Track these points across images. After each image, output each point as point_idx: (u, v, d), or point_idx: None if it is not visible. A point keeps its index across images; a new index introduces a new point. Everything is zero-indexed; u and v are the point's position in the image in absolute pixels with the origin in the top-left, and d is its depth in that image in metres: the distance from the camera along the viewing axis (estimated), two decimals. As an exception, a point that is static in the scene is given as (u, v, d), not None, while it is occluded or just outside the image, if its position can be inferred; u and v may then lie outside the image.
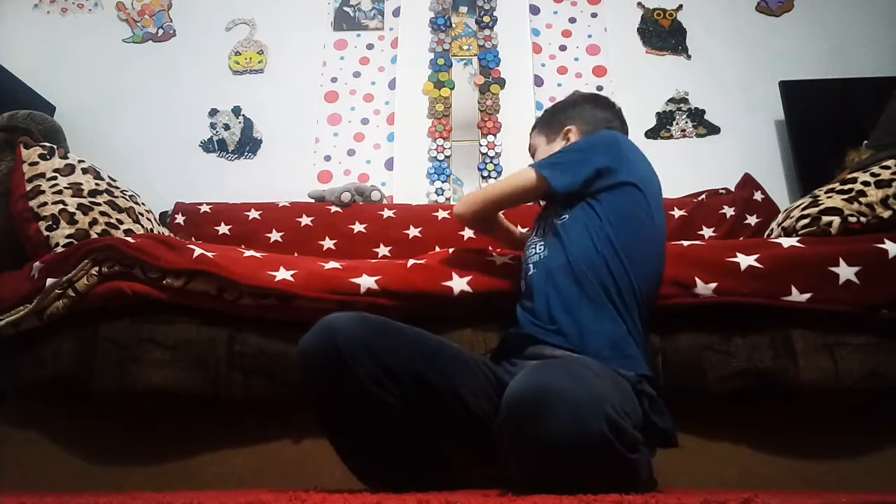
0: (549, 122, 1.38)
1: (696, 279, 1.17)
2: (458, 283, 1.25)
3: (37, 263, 1.32)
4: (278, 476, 1.23)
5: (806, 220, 1.34)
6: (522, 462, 0.80)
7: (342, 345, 0.88)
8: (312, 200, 2.35)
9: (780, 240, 1.27)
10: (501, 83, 2.69)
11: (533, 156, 1.39)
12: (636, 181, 1.14)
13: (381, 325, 0.94)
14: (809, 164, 2.35)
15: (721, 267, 1.19)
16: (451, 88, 2.69)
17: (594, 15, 2.84)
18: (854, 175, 1.40)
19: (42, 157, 1.52)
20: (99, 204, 1.50)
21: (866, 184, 1.34)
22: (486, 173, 2.54)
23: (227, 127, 2.74)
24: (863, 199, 1.31)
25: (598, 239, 1.09)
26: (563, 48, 2.80)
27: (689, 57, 2.75)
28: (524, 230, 1.41)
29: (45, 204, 1.44)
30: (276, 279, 1.23)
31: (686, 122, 2.64)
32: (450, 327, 1.27)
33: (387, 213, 2.20)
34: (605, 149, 1.16)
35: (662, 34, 2.79)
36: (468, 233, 2.08)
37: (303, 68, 2.81)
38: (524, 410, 0.76)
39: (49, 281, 1.26)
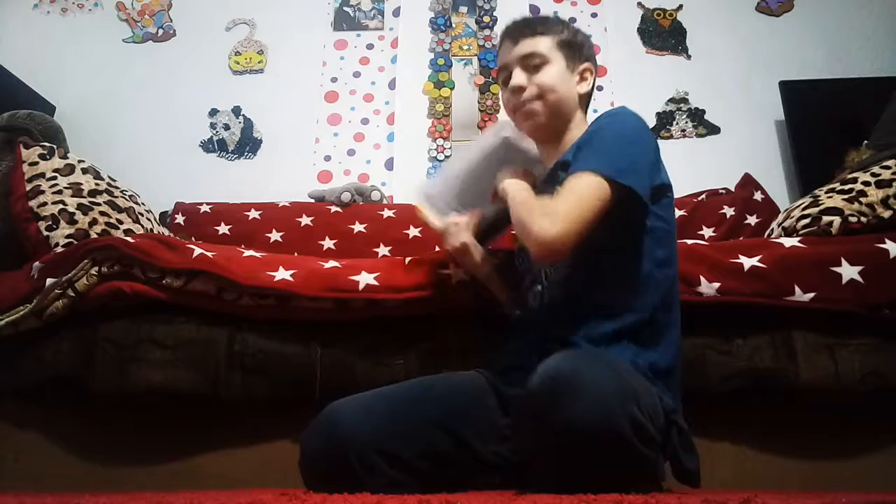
0: (572, 45, 1.14)
1: (702, 278, 1.17)
2: (457, 273, 1.25)
3: (37, 263, 1.32)
4: (278, 476, 1.23)
5: (806, 220, 1.34)
6: (538, 441, 0.80)
7: (354, 456, 0.87)
8: (312, 200, 2.35)
9: (781, 240, 1.27)
10: (501, 83, 2.70)
11: (532, 67, 1.11)
12: (669, 181, 1.05)
13: (387, 414, 0.93)
14: (809, 164, 2.35)
15: (724, 267, 1.19)
16: (451, 88, 2.69)
17: (594, 15, 2.84)
18: (854, 175, 1.40)
19: (42, 157, 1.52)
20: (99, 204, 1.50)
21: (867, 184, 1.34)
22: (486, 173, 2.54)
23: (227, 127, 2.74)
24: (863, 199, 1.31)
25: (646, 256, 0.99)
26: (563, 48, 2.79)
27: (689, 57, 2.75)
28: None
29: (44, 204, 1.44)
30: (276, 279, 1.23)
31: (686, 122, 2.64)
32: (450, 329, 1.26)
33: (387, 213, 2.20)
34: (651, 140, 1.05)
35: (662, 34, 2.79)
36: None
37: (303, 68, 2.81)
38: (553, 389, 0.75)
39: (49, 281, 1.26)
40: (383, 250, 2.11)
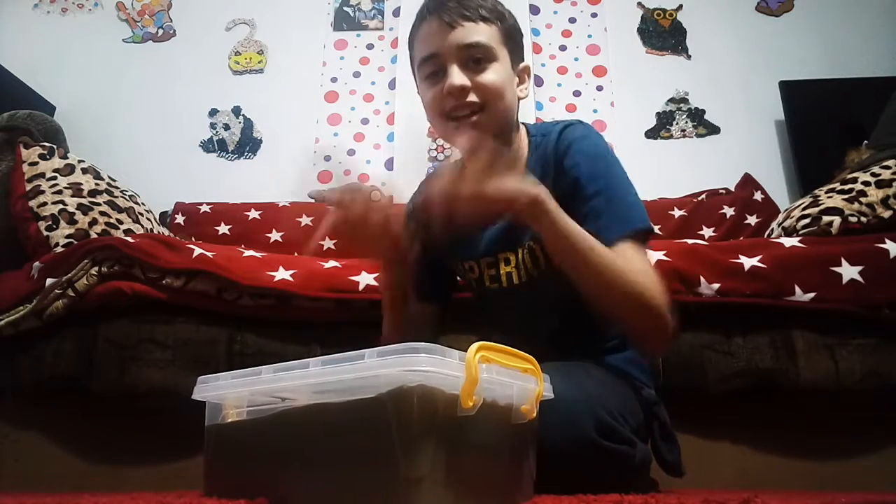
0: (515, 38, 0.98)
1: (701, 278, 1.17)
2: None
3: (37, 263, 1.32)
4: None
5: (806, 220, 1.34)
6: None
7: None
8: (312, 200, 2.35)
9: (781, 240, 1.27)
10: (501, 83, 2.69)
11: (473, 62, 0.90)
12: None
13: None
14: (809, 164, 2.35)
15: (724, 267, 1.19)
16: (451, 88, 2.69)
17: (594, 15, 2.84)
18: (854, 175, 1.40)
19: (42, 157, 1.52)
20: (99, 204, 1.50)
21: (867, 184, 1.34)
22: (486, 173, 2.54)
23: (227, 127, 2.74)
24: (863, 199, 1.31)
25: None
26: (563, 48, 2.80)
27: (689, 57, 2.75)
28: None
29: (44, 204, 1.44)
30: (276, 279, 1.23)
31: (686, 122, 2.64)
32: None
33: (387, 213, 2.20)
34: None
35: (662, 34, 2.79)
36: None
37: (303, 68, 2.81)
38: None
39: (49, 281, 1.26)
40: (383, 250, 2.11)
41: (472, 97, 0.89)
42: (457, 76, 0.89)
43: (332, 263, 1.32)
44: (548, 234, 0.80)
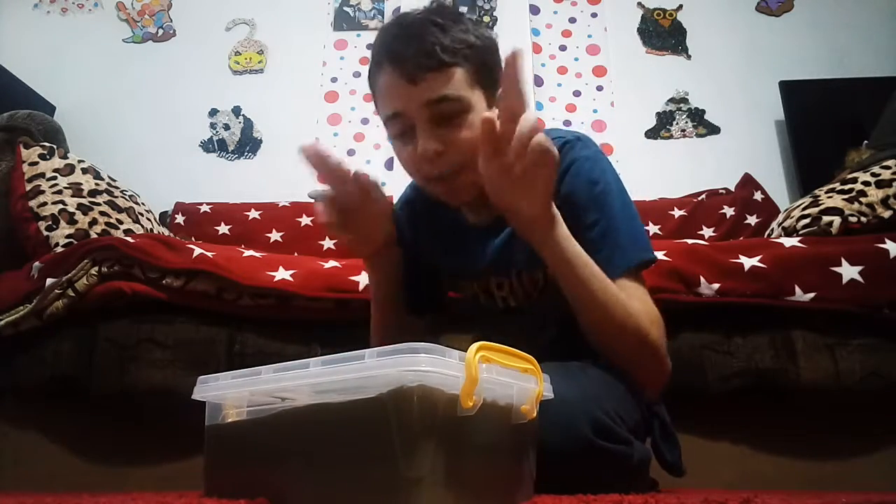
0: (488, 67, 0.86)
1: (701, 278, 1.17)
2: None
3: (37, 263, 1.32)
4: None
5: (806, 220, 1.34)
6: None
7: None
8: (312, 200, 2.35)
9: (781, 240, 1.27)
10: (501, 83, 2.69)
11: (445, 117, 0.82)
12: None
13: None
14: (809, 164, 2.35)
15: (724, 267, 1.19)
16: (451, 88, 2.69)
17: (594, 15, 2.84)
18: (854, 175, 1.40)
19: (42, 157, 1.52)
20: (99, 204, 1.50)
21: (867, 184, 1.34)
22: (486, 173, 2.54)
23: (227, 127, 2.74)
24: (863, 199, 1.31)
25: None
26: (563, 48, 2.80)
27: (689, 57, 2.75)
28: None
29: (44, 204, 1.44)
30: (275, 279, 1.23)
31: (686, 122, 2.64)
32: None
33: (387, 213, 2.20)
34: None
35: (662, 34, 2.79)
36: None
37: (303, 68, 2.81)
38: None
39: (49, 281, 1.26)
40: (383, 250, 2.11)
41: (452, 160, 0.82)
42: (429, 141, 0.81)
43: (332, 263, 1.32)
44: (548, 256, 0.79)
